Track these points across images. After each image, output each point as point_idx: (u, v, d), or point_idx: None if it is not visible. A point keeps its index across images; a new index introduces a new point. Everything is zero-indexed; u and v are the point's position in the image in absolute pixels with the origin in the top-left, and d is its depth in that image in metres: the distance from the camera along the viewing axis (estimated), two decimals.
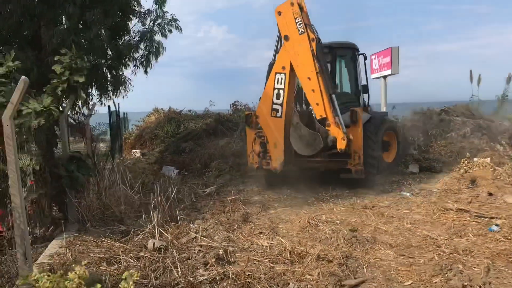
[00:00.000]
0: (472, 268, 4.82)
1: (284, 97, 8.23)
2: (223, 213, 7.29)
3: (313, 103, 7.98)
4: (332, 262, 4.97)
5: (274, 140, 8.42)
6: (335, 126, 7.83)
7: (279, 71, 8.26)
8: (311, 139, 8.18)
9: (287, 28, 8.04)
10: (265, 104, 8.47)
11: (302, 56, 7.93)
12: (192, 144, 12.86)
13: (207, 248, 5.50)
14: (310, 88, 7.93)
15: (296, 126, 8.33)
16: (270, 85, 8.37)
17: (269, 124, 8.42)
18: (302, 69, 7.98)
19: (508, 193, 7.91)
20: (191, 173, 10.90)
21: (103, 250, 5.52)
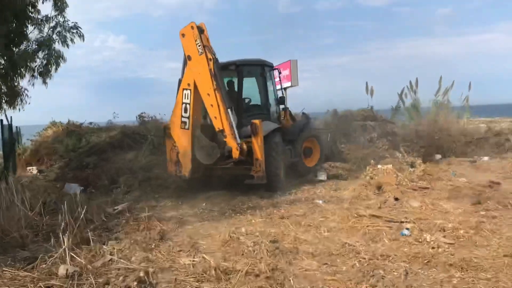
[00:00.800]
0: (392, 273, 5.00)
1: (190, 111, 9.15)
2: (137, 231, 6.91)
3: (212, 117, 8.91)
4: (259, 277, 4.87)
5: (183, 149, 9.26)
6: (230, 138, 8.77)
7: (185, 88, 9.17)
8: (210, 149, 8.89)
9: (189, 49, 8.98)
10: (175, 117, 9.34)
11: (202, 75, 8.86)
12: (96, 159, 12.13)
13: (125, 270, 5.13)
14: (209, 103, 8.87)
15: (198, 137, 9.04)
16: (179, 100, 9.27)
17: (179, 135, 9.27)
18: (202, 86, 8.90)
19: (411, 197, 8.44)
20: (98, 190, 10.27)
21: (5, 281, 4.90)
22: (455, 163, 12.21)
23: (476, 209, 7.52)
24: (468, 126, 18.45)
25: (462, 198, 8.27)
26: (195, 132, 9.07)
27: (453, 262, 5.14)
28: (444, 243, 5.83)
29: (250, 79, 11.24)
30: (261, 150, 9.33)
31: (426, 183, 9.68)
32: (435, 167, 11.22)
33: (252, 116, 10.06)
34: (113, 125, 15.31)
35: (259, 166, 9.37)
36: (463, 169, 11.38)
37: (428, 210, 7.62)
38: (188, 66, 9.06)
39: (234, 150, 8.77)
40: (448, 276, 4.82)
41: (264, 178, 9.42)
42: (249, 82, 11.15)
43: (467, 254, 5.39)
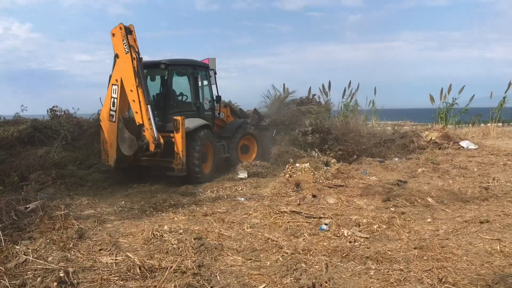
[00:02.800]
0: (314, 266, 5.22)
1: (117, 105, 9.76)
2: (53, 230, 6.55)
3: (134, 112, 9.60)
4: (186, 273, 4.88)
5: (110, 141, 9.93)
6: (148, 132, 9.50)
7: (114, 83, 9.82)
8: (129, 141, 9.46)
9: (118, 47, 9.62)
10: (105, 110, 9.99)
11: (127, 72, 9.51)
12: (3, 154, 11.28)
13: (43, 271, 4.89)
14: (132, 99, 9.56)
15: (121, 129, 9.59)
16: (109, 94, 9.91)
17: (107, 127, 9.92)
18: (127, 83, 9.58)
19: (327, 194, 8.81)
20: (6, 188, 9.59)
21: None
22: (366, 162, 12.90)
23: (387, 206, 8.03)
24: (376, 128, 19.66)
25: (373, 195, 8.79)
26: (119, 125, 9.65)
27: (369, 255, 5.48)
28: (360, 237, 6.19)
29: (183, 78, 11.96)
30: (182, 144, 10.10)
31: (340, 181, 10.15)
32: (347, 166, 11.80)
33: (179, 113, 10.68)
34: (21, 118, 14.35)
35: (179, 160, 10.17)
36: (372, 168, 12.06)
37: (344, 206, 8.03)
38: (117, 63, 9.73)
39: (151, 143, 9.52)
40: (365, 268, 5.14)
41: (183, 171, 10.23)
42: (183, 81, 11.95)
43: (381, 247, 5.77)
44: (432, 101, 22.96)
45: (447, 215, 7.53)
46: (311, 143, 13.44)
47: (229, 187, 10.12)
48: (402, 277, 4.81)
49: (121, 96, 9.74)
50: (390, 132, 17.98)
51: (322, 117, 16.41)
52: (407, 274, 4.89)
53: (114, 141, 9.78)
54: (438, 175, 11.05)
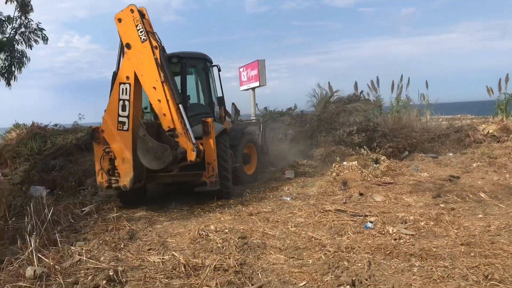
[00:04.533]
0: (356, 264, 5.19)
1: (130, 109, 7.77)
2: (106, 232, 6.91)
3: (160, 114, 7.77)
4: (228, 271, 4.99)
5: (122, 155, 7.80)
6: (184, 137, 7.68)
7: (123, 81, 7.80)
8: (159, 151, 7.53)
9: (128, 35, 7.78)
10: (110, 117, 7.86)
11: (146, 65, 7.71)
12: (62, 161, 11.98)
13: (94, 270, 5.16)
14: (156, 98, 7.75)
15: (143, 138, 7.63)
16: (115, 96, 7.84)
17: (115, 138, 7.83)
18: (146, 79, 7.75)
19: (375, 192, 8.69)
20: (65, 192, 10.15)
21: None
22: (418, 158, 12.59)
23: (436, 202, 7.82)
24: (430, 123, 19.08)
25: (423, 192, 8.59)
26: (137, 133, 7.72)
27: (413, 252, 5.37)
28: (406, 235, 6.07)
29: (190, 75, 10.37)
30: (215, 151, 8.48)
31: (389, 178, 9.98)
32: (398, 163, 11.56)
33: (197, 116, 9.07)
34: (79, 126, 15.13)
35: (211, 170, 8.40)
36: (425, 164, 11.76)
37: (391, 204, 7.89)
38: (127, 56, 7.83)
39: (189, 151, 7.68)
40: (408, 265, 5.05)
41: (217, 184, 8.51)
42: (189, 77, 10.16)
43: (427, 244, 5.64)
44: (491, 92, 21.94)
45: (501, 210, 7.23)
46: (358, 142, 13.24)
47: (275, 187, 10.19)
48: (446, 274, 4.69)
49: (135, 97, 7.85)
50: (444, 126, 17.40)
51: (371, 114, 16.12)
52: (451, 271, 4.76)
53: (129, 155, 7.73)
54: (494, 170, 10.61)
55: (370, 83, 20.53)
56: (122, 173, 7.81)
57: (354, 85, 19.73)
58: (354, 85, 19.73)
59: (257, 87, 18.81)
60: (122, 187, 7.82)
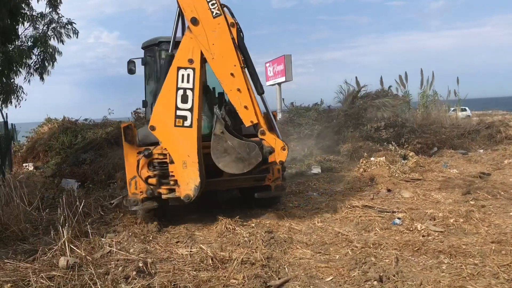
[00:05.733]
0: (384, 260, 5.16)
1: (194, 100, 6.34)
2: (135, 224, 7.04)
3: (241, 106, 6.32)
4: (255, 265, 5.03)
5: (183, 157, 6.33)
6: (270, 135, 6.39)
7: (184, 66, 6.34)
8: (244, 151, 6.23)
9: (194, 8, 6.24)
10: (165, 110, 6.39)
11: (220, 46, 6.27)
12: (93, 155, 12.23)
13: (124, 261, 5.28)
14: (234, 87, 6.29)
15: (220, 136, 6.28)
16: (171, 84, 6.37)
17: (173, 137, 6.40)
18: (221, 63, 6.29)
19: (403, 188, 8.62)
20: (95, 185, 10.37)
21: (7, 272, 5.03)
22: (447, 155, 12.40)
23: (466, 199, 7.69)
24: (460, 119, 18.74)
25: (452, 189, 8.46)
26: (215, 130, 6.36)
27: (442, 249, 5.31)
28: (434, 231, 6.01)
29: None
30: None
31: (418, 174, 9.86)
32: (427, 159, 11.41)
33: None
34: (108, 121, 15.41)
35: (277, 172, 7.30)
36: (454, 160, 11.58)
37: (420, 200, 7.81)
38: (191, 33, 6.29)
39: (278, 150, 6.38)
40: (437, 262, 5.00)
41: (283, 188, 7.57)
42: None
43: (456, 241, 5.56)
44: None
45: None
46: (386, 138, 13.10)
47: (302, 182, 10.19)
48: (476, 271, 4.62)
49: (200, 85, 6.48)
50: (475, 122, 17.06)
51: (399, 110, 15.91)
52: (481, 268, 4.69)
53: (194, 157, 6.32)
54: None
55: (398, 78, 20.26)
56: (182, 181, 6.37)
57: (379, 80, 19.50)
58: (379, 80, 19.50)
59: (283, 82, 18.81)
60: (184, 198, 6.34)
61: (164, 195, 6.69)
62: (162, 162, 6.71)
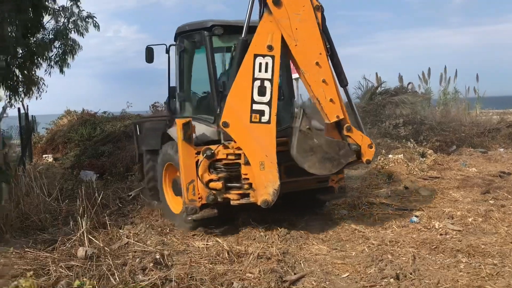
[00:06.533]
0: (400, 258, 5.13)
1: (272, 92, 5.63)
2: (152, 216, 7.11)
3: (326, 100, 5.71)
4: (271, 259, 5.05)
5: (260, 158, 5.57)
6: (356, 132, 5.90)
7: (261, 53, 5.58)
8: (332, 150, 5.69)
9: None
10: (240, 104, 5.61)
11: (305, 31, 5.61)
12: (111, 147, 12.33)
13: (142, 253, 5.34)
14: (319, 78, 5.67)
15: (306, 133, 5.67)
16: (247, 74, 5.59)
17: (249, 134, 5.62)
18: (305, 51, 5.66)
19: (421, 186, 8.53)
20: (113, 177, 10.47)
21: (28, 261, 5.13)
22: (466, 153, 12.22)
23: (485, 198, 7.59)
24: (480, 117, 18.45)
25: (471, 188, 8.36)
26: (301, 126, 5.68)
27: (460, 248, 5.26)
28: (452, 230, 5.95)
29: None
30: None
31: (436, 172, 9.77)
32: (445, 157, 11.28)
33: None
34: (127, 114, 15.54)
35: (342, 173, 6.62)
36: (473, 159, 11.41)
37: (438, 198, 7.73)
38: (272, 17, 5.55)
39: (365, 148, 5.89)
40: (455, 261, 4.94)
41: (346, 189, 7.09)
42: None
43: (475, 241, 5.50)
44: None
45: None
46: (405, 135, 12.96)
47: None
48: (495, 271, 4.56)
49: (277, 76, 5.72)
50: (496, 121, 16.79)
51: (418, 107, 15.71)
52: (501, 269, 4.63)
53: (273, 157, 5.55)
54: None
55: (421, 75, 19.97)
56: (260, 184, 5.61)
57: (398, 77, 19.29)
58: (398, 77, 19.29)
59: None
60: (262, 203, 5.59)
61: (234, 201, 5.85)
62: (231, 164, 5.85)
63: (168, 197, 7.01)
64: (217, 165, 5.87)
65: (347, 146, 5.74)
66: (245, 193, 5.81)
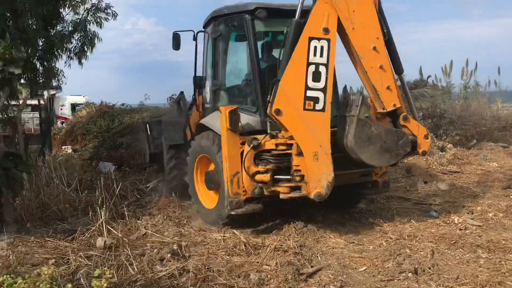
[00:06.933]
0: (419, 252, 5.09)
1: (327, 78, 5.26)
2: (170, 208, 7.15)
3: (383, 87, 5.44)
4: (288, 252, 5.05)
5: (314, 148, 5.19)
6: (413, 122, 5.66)
7: (317, 36, 5.20)
8: (391, 140, 5.38)
9: None
10: (293, 90, 5.22)
11: (363, 14, 5.33)
12: (129, 139, 12.44)
13: (159, 244, 5.39)
14: (376, 64, 5.40)
15: (364, 122, 5.29)
16: (301, 58, 5.19)
17: (302, 123, 5.23)
18: (362, 35, 5.35)
19: (440, 181, 8.43)
20: (131, 169, 10.56)
21: (48, 250, 5.23)
22: (487, 148, 12.04)
23: (506, 194, 7.48)
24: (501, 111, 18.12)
25: (492, 183, 8.24)
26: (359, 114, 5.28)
27: (480, 243, 5.19)
28: (472, 225, 5.87)
29: None
30: None
31: (456, 167, 9.64)
32: (465, 152, 11.11)
33: None
34: (145, 106, 15.66)
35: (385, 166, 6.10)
36: (494, 154, 11.24)
37: (457, 193, 7.65)
38: None
39: (421, 139, 5.62)
40: (475, 256, 4.89)
41: (389, 184, 6.62)
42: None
43: (495, 236, 5.42)
44: None
45: None
46: None
47: None
48: None
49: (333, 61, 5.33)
50: None
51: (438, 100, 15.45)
52: None
53: (328, 147, 5.21)
54: None
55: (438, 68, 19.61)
56: (313, 176, 5.22)
57: (418, 70, 19.00)
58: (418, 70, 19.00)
59: None
60: (315, 197, 5.19)
61: (284, 195, 5.45)
62: (281, 155, 5.46)
63: (200, 192, 6.69)
64: (264, 156, 5.53)
65: (406, 136, 5.46)
66: (297, 186, 5.40)
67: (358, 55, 5.40)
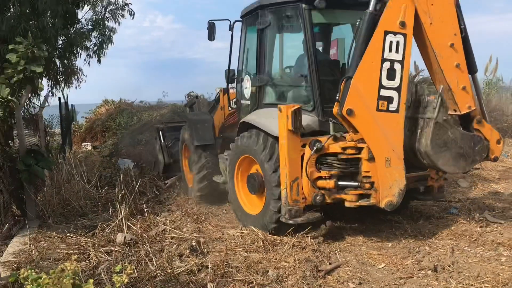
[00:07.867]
0: (438, 249, 5.04)
1: (402, 76, 4.92)
2: (188, 204, 7.22)
3: (458, 87, 5.04)
4: (306, 249, 5.04)
5: (386, 152, 4.82)
6: (488, 124, 5.24)
7: (393, 30, 4.81)
8: (467, 145, 5.02)
9: None
10: (366, 88, 4.82)
11: (441, 8, 4.93)
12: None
13: (178, 240, 5.43)
14: (452, 62, 4.99)
15: (441, 125, 4.90)
16: (375, 54, 4.80)
17: (375, 124, 4.83)
18: (440, 30, 4.95)
19: (460, 177, 8.31)
20: (150, 166, 10.66)
21: (69, 245, 5.32)
22: (508, 144, 11.83)
23: None
24: None
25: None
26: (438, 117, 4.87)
27: (501, 241, 5.11)
28: (493, 223, 5.78)
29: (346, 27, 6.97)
30: None
31: None
32: None
33: None
34: (163, 103, 15.80)
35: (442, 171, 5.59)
36: None
37: (478, 190, 7.55)
38: None
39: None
40: (496, 254, 4.82)
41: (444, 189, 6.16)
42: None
43: None
44: None
45: None
46: None
47: None
48: None
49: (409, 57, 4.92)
50: None
51: None
52: None
53: (400, 152, 4.86)
54: None
55: None
56: (384, 183, 4.86)
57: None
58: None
59: None
60: (386, 206, 4.91)
61: (350, 203, 5.09)
62: (348, 159, 5.01)
63: (241, 196, 6.21)
64: (328, 160, 5.10)
65: (483, 141, 5.08)
66: (366, 194, 5.01)
67: (434, 53, 4.97)
